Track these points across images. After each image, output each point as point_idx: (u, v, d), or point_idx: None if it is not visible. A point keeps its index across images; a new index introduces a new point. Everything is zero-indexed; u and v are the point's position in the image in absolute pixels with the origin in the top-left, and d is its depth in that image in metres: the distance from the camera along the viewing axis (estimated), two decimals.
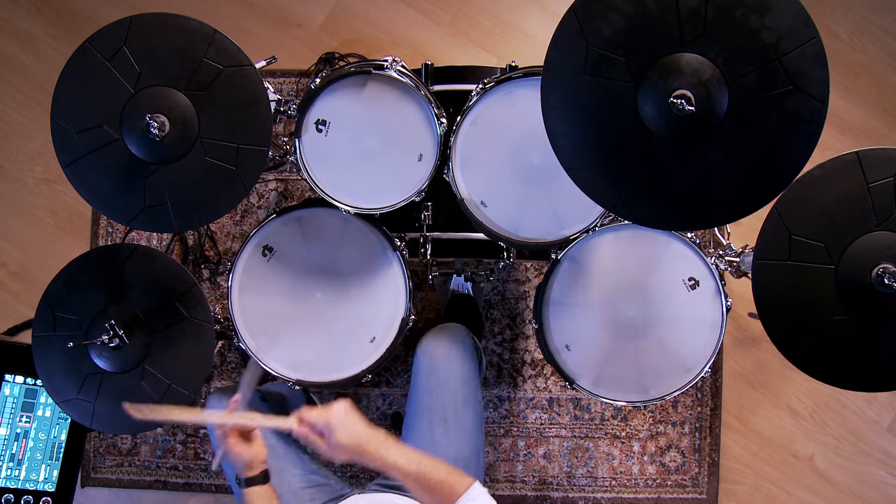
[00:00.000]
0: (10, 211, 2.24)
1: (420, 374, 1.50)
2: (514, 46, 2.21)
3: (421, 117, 1.47)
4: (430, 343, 1.53)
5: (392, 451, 1.18)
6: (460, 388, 1.48)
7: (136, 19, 1.26)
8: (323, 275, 1.57)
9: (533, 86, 1.43)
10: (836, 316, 1.21)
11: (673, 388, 1.51)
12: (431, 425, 1.44)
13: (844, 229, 1.19)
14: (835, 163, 1.19)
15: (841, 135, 2.16)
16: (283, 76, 2.20)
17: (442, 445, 1.42)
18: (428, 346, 1.52)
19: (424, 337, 1.56)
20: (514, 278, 2.14)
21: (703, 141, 1.11)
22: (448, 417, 1.44)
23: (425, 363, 1.50)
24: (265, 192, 2.19)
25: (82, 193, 1.31)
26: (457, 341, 1.54)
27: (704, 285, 1.50)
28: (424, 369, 1.49)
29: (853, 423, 2.12)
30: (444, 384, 1.47)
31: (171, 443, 2.14)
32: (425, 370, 1.49)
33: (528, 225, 1.49)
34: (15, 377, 1.57)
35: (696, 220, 1.23)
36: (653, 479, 2.10)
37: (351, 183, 1.50)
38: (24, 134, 2.25)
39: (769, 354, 2.12)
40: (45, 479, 1.58)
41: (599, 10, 1.09)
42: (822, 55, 1.06)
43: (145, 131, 1.22)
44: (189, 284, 1.41)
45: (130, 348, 1.36)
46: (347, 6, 2.24)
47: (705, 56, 1.07)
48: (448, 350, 1.51)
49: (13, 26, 2.26)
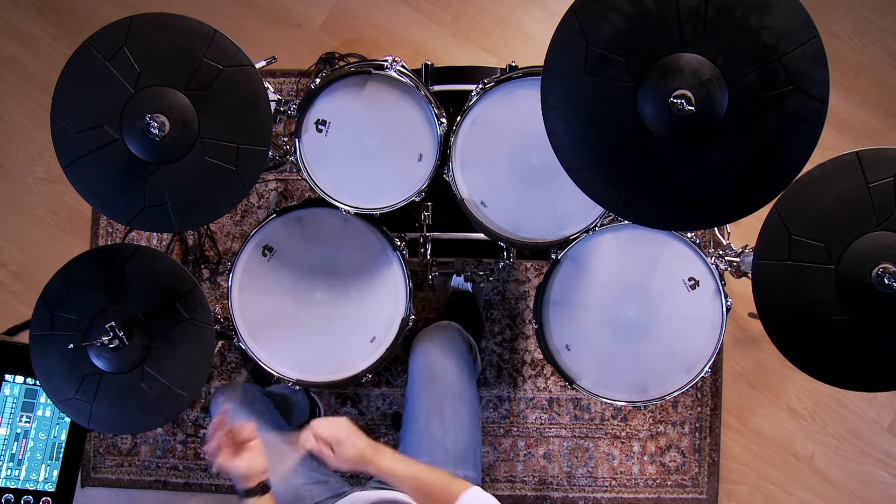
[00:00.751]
0: (10, 211, 2.24)
1: (415, 372, 1.52)
2: (514, 46, 2.21)
3: (421, 117, 1.47)
4: (424, 341, 1.56)
5: (390, 459, 1.25)
6: (455, 384, 1.50)
7: (136, 19, 1.26)
8: (323, 275, 1.57)
9: (533, 86, 1.43)
10: (836, 316, 1.21)
11: (673, 388, 1.51)
12: (428, 420, 1.46)
13: (844, 229, 1.19)
14: (835, 163, 1.19)
15: (841, 135, 2.16)
16: (283, 76, 2.20)
17: (439, 438, 1.44)
18: (422, 345, 1.55)
19: (418, 336, 1.59)
20: (514, 278, 2.14)
21: (703, 141, 1.11)
22: (444, 411, 1.47)
23: (419, 361, 1.53)
24: (265, 192, 2.19)
25: (82, 193, 1.31)
26: (449, 338, 1.57)
27: (704, 285, 1.50)
28: (419, 367, 1.52)
29: (853, 423, 2.12)
30: (438, 380, 1.50)
31: (171, 443, 2.14)
32: (419, 368, 1.52)
33: (528, 225, 1.49)
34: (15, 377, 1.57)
35: (696, 220, 1.23)
36: (653, 479, 2.10)
37: (351, 183, 1.50)
38: (24, 134, 2.25)
39: (769, 354, 2.12)
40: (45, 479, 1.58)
41: (599, 10, 1.09)
42: (822, 55, 1.06)
43: (145, 131, 1.22)
44: (190, 286, 1.41)
45: (130, 349, 1.36)
46: (347, 6, 2.24)
47: (705, 56, 1.07)
48: (441, 347, 1.53)
49: (13, 26, 2.26)
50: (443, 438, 1.44)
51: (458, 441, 1.45)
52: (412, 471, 1.24)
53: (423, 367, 1.52)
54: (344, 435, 1.25)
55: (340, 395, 2.13)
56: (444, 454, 1.43)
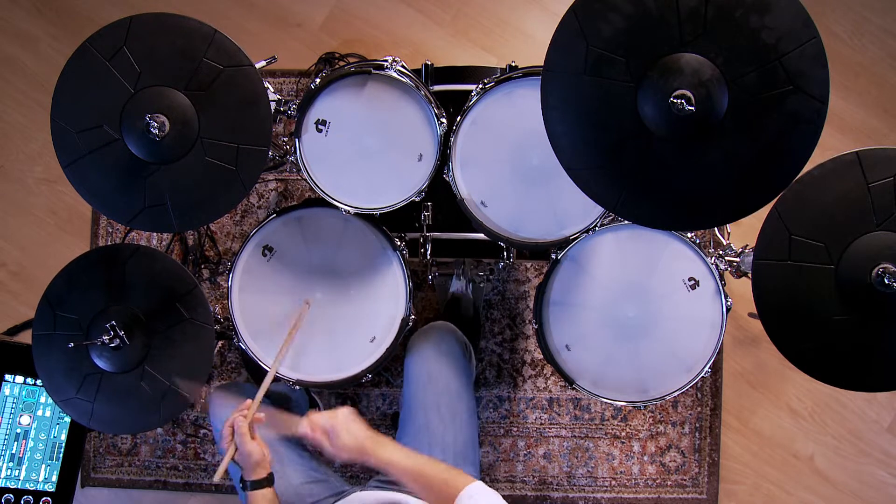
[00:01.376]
0: (10, 211, 2.24)
1: (412, 373, 1.53)
2: (514, 46, 2.21)
3: (421, 117, 1.47)
4: (419, 342, 1.56)
5: (391, 450, 1.24)
6: (452, 383, 1.50)
7: (136, 19, 1.26)
8: (323, 275, 1.57)
9: (533, 86, 1.43)
10: (836, 316, 1.21)
11: (673, 388, 1.51)
12: (427, 417, 1.46)
13: (844, 229, 1.19)
14: (835, 163, 1.19)
15: (841, 135, 2.16)
16: (283, 76, 2.20)
17: (438, 434, 1.44)
18: (417, 347, 1.55)
19: (413, 337, 1.59)
20: (514, 278, 2.14)
21: (703, 141, 1.11)
22: (442, 409, 1.47)
23: (416, 363, 1.53)
24: (265, 192, 2.19)
25: (82, 193, 1.31)
26: (444, 340, 1.57)
27: (704, 285, 1.50)
28: (415, 369, 1.52)
29: (853, 423, 2.12)
30: (435, 381, 1.50)
31: (171, 443, 2.14)
32: (416, 370, 1.52)
33: (528, 225, 1.49)
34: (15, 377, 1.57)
35: (696, 220, 1.23)
36: (653, 479, 2.10)
37: (351, 183, 1.50)
38: (24, 134, 2.25)
39: (769, 354, 2.12)
40: (45, 479, 1.58)
41: (599, 10, 1.09)
42: (822, 55, 1.06)
43: (145, 131, 1.22)
44: (190, 286, 1.41)
45: (130, 349, 1.36)
46: (347, 6, 2.24)
47: (705, 56, 1.07)
48: (437, 348, 1.54)
49: (13, 26, 2.26)
50: (442, 434, 1.44)
51: (457, 438, 1.45)
52: (414, 462, 1.22)
53: (419, 369, 1.52)
54: (341, 422, 1.23)
55: (340, 395, 2.13)
56: (443, 450, 1.42)
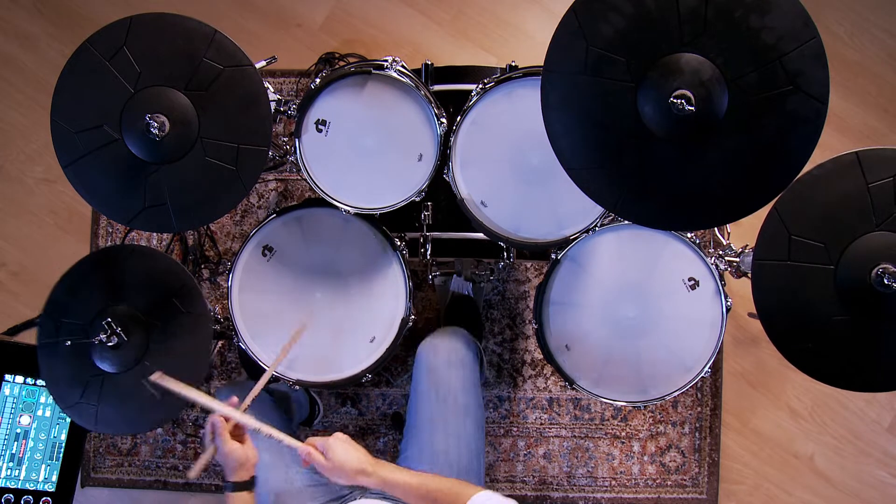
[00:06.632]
0: (10, 211, 2.24)
1: (420, 381, 1.50)
2: (514, 46, 2.21)
3: (421, 117, 1.47)
4: (430, 348, 1.53)
5: (392, 470, 1.21)
6: (460, 396, 1.47)
7: (136, 19, 1.26)
8: (323, 275, 1.57)
9: (533, 86, 1.43)
10: (835, 316, 1.21)
11: (673, 388, 1.51)
12: (432, 434, 1.44)
13: (844, 229, 1.19)
14: (835, 163, 1.19)
15: (841, 135, 2.16)
16: (283, 76, 2.20)
17: (442, 453, 1.42)
18: (428, 352, 1.52)
19: (424, 341, 1.56)
20: (514, 278, 2.14)
21: (703, 141, 1.11)
22: (449, 426, 1.44)
23: (425, 370, 1.50)
24: (265, 192, 2.19)
25: (82, 193, 1.31)
26: (457, 346, 1.54)
27: (704, 285, 1.50)
28: (424, 376, 1.49)
29: (853, 423, 2.12)
30: (444, 392, 1.46)
31: (170, 443, 2.14)
32: (425, 377, 1.49)
33: (528, 225, 1.49)
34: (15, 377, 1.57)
35: (696, 220, 1.23)
36: (653, 479, 2.10)
37: (351, 183, 1.50)
38: (24, 134, 2.25)
39: (769, 354, 2.12)
40: (45, 479, 1.58)
41: (599, 10, 1.09)
42: (822, 55, 1.06)
43: (145, 131, 1.22)
44: (184, 279, 1.41)
45: (129, 346, 1.36)
46: (347, 6, 2.24)
47: (705, 56, 1.07)
48: (448, 356, 1.51)
49: (13, 26, 2.26)
50: (446, 453, 1.42)
51: (461, 455, 1.43)
52: (418, 479, 1.20)
53: (428, 381, 1.48)
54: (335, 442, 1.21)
55: (340, 395, 2.13)
56: (448, 469, 1.40)
